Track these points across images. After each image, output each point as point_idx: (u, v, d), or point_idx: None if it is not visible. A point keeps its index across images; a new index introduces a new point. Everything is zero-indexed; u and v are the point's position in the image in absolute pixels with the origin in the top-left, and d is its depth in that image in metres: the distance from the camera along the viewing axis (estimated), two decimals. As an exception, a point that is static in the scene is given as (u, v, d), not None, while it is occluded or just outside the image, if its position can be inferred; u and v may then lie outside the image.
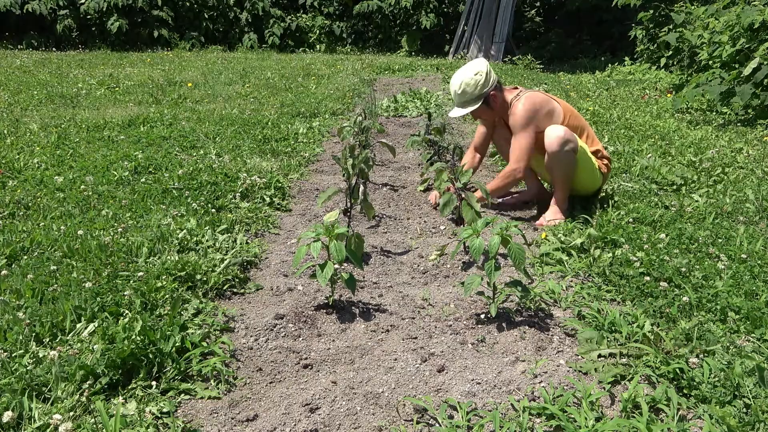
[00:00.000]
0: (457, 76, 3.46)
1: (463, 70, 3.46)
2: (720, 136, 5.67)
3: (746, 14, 6.62)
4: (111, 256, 2.63)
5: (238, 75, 10.28)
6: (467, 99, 3.46)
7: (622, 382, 1.90)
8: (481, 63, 3.45)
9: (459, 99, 3.48)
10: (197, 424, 1.71)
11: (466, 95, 3.44)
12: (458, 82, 3.44)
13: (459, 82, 3.43)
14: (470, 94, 3.43)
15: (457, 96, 3.47)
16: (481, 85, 3.41)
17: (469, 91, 3.42)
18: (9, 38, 15.77)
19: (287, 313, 2.36)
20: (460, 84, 3.43)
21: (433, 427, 1.71)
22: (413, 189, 4.28)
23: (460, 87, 3.43)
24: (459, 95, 3.46)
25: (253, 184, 3.83)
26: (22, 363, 1.81)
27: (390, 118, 7.03)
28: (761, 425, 1.60)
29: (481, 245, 2.28)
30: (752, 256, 2.76)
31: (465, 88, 3.42)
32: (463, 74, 3.44)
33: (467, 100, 3.47)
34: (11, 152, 4.49)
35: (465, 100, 3.46)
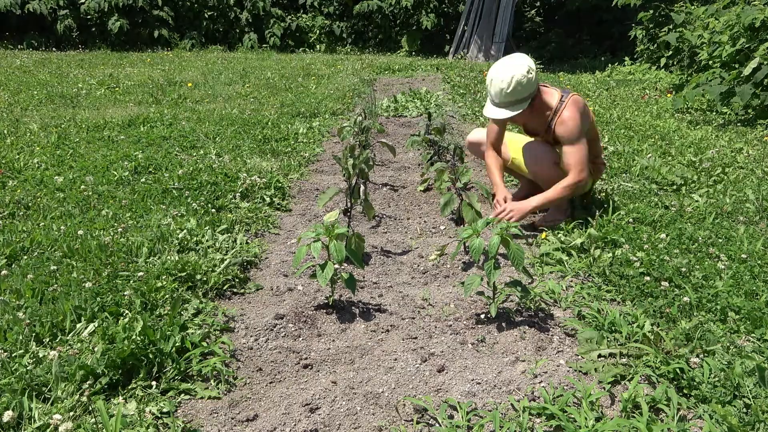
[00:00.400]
0: (505, 70, 3.01)
1: (510, 65, 3.02)
2: (720, 136, 5.67)
3: (746, 14, 6.62)
4: (111, 256, 2.63)
5: (238, 75, 10.28)
6: (516, 99, 3.04)
7: (622, 382, 1.90)
8: (528, 58, 3.07)
9: (506, 98, 3.04)
10: (197, 424, 1.71)
11: (516, 94, 3.02)
12: (508, 77, 2.98)
13: (509, 77, 2.98)
14: (521, 93, 3.02)
15: (505, 95, 3.02)
16: (533, 84, 3.03)
17: (520, 90, 3.01)
18: (9, 38, 15.76)
19: (287, 313, 2.36)
20: (511, 81, 2.98)
21: (433, 427, 1.71)
22: (413, 189, 4.28)
23: (510, 84, 2.99)
24: (508, 94, 3.01)
25: (253, 184, 3.84)
26: (22, 363, 1.81)
27: (390, 118, 7.03)
28: (761, 425, 1.60)
29: (480, 245, 2.28)
30: (752, 256, 2.76)
31: (517, 86, 2.99)
32: (512, 69, 2.99)
33: (516, 101, 3.05)
34: (11, 152, 4.49)
35: (514, 99, 3.04)
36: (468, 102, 7.80)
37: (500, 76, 3.01)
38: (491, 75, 3.06)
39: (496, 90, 3.05)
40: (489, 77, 3.08)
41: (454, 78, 10.31)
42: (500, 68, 3.04)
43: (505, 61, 3.07)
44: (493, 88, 3.06)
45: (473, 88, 9.06)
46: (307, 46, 18.40)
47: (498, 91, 3.04)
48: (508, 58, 3.08)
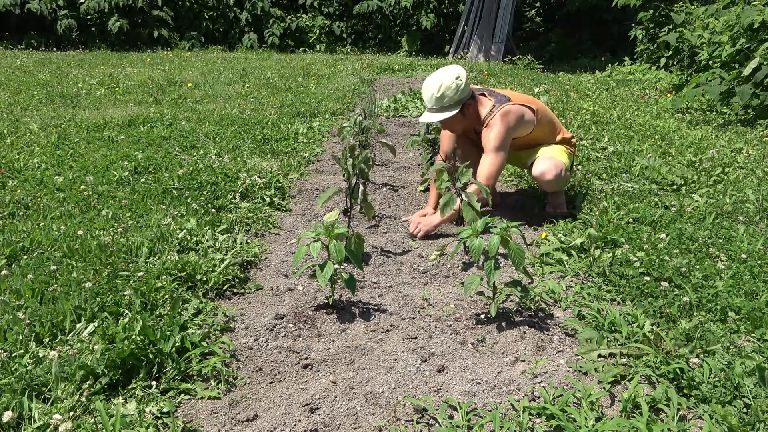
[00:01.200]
0: (435, 78, 3.23)
1: (441, 73, 3.24)
2: (720, 136, 5.67)
3: (746, 14, 6.62)
4: (111, 256, 2.63)
5: (238, 75, 10.28)
6: (445, 104, 3.23)
7: (622, 382, 1.90)
8: (459, 68, 3.27)
9: (436, 103, 3.23)
10: (197, 424, 1.71)
11: (445, 99, 3.21)
12: (436, 84, 3.20)
13: (437, 84, 3.20)
14: (449, 98, 3.21)
15: (435, 99, 3.22)
16: (461, 90, 3.22)
17: (448, 95, 3.20)
18: (9, 38, 15.76)
19: (287, 313, 2.35)
20: (439, 87, 3.19)
21: (433, 427, 1.71)
22: (413, 189, 4.28)
23: (438, 90, 3.20)
24: (437, 99, 3.21)
25: (253, 184, 3.83)
26: (22, 363, 1.81)
27: (390, 118, 7.03)
28: (761, 425, 1.60)
29: (480, 245, 2.28)
30: (752, 256, 2.76)
31: (445, 91, 3.19)
32: (441, 77, 3.22)
33: (445, 106, 3.24)
34: (11, 152, 4.49)
35: (442, 105, 3.24)
36: (468, 102, 7.80)
37: (429, 83, 3.23)
38: (424, 82, 3.27)
39: (427, 96, 3.24)
40: (423, 85, 3.28)
41: (454, 78, 10.31)
42: (431, 77, 3.26)
43: (437, 71, 3.28)
44: (425, 94, 3.26)
45: (473, 88, 9.06)
46: (307, 46, 18.40)
47: (428, 96, 3.24)
48: (442, 69, 3.29)
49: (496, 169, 3.27)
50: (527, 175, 4.25)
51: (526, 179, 4.36)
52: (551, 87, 9.55)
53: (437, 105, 3.24)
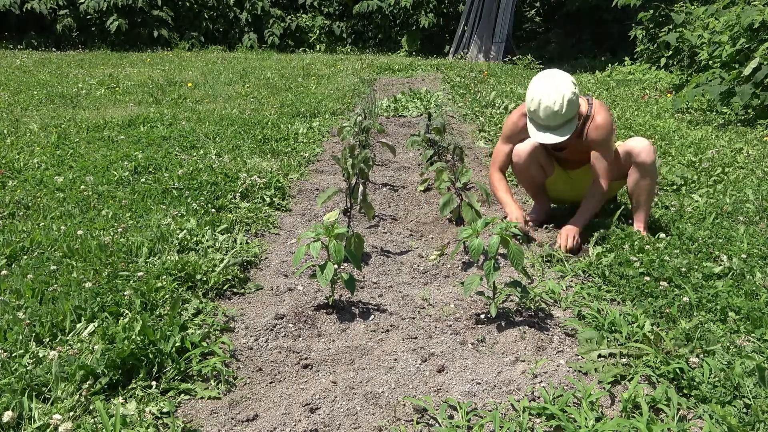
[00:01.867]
0: (552, 89, 2.77)
1: (555, 83, 2.79)
2: (720, 136, 5.67)
3: (746, 14, 6.62)
4: (111, 256, 2.63)
5: (238, 75, 10.28)
6: (569, 118, 2.81)
7: (622, 382, 1.90)
8: (568, 76, 2.85)
9: (559, 119, 2.80)
10: (197, 424, 1.71)
11: (568, 114, 2.79)
12: (558, 96, 2.74)
13: (560, 96, 2.74)
14: (571, 112, 2.79)
15: (558, 116, 2.78)
16: (578, 103, 2.83)
17: (571, 110, 2.79)
18: (9, 38, 15.76)
19: (287, 313, 2.36)
20: (561, 99, 2.74)
21: (433, 427, 1.71)
22: (413, 189, 4.29)
23: (563, 104, 2.74)
24: (562, 115, 2.78)
25: (253, 184, 3.84)
26: (22, 363, 1.81)
27: (390, 118, 7.03)
28: (761, 425, 1.60)
29: (480, 245, 2.28)
30: (752, 256, 2.76)
31: (568, 105, 2.76)
32: (560, 87, 2.76)
33: (569, 120, 2.82)
34: (11, 152, 4.49)
35: (567, 119, 2.81)
36: (468, 102, 7.80)
37: (551, 98, 2.76)
38: (538, 96, 2.80)
39: (547, 113, 2.79)
40: (535, 99, 2.82)
41: (454, 78, 10.31)
42: (547, 89, 2.79)
43: (549, 81, 2.82)
44: (543, 111, 2.80)
45: (473, 88, 9.06)
46: (307, 46, 18.40)
47: (550, 114, 2.78)
48: (548, 77, 2.84)
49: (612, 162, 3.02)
50: None
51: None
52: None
53: (559, 122, 2.82)
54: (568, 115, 2.79)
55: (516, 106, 6.97)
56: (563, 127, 2.84)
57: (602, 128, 2.94)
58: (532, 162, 3.26)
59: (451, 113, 7.04)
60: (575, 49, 17.90)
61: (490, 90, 8.45)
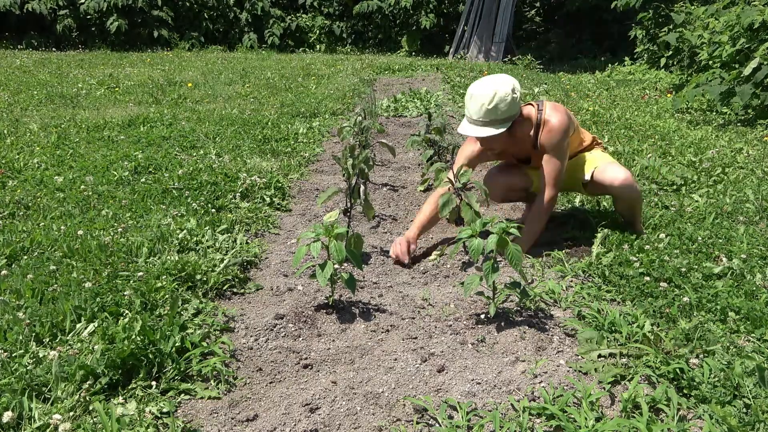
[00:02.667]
0: (487, 86, 2.76)
1: (494, 81, 2.78)
2: (720, 136, 5.67)
3: (746, 14, 6.62)
4: (111, 256, 2.63)
5: (238, 75, 10.28)
6: (496, 118, 2.77)
7: (622, 382, 1.90)
8: (511, 80, 2.81)
9: (485, 115, 2.76)
10: (197, 424, 1.71)
11: (498, 113, 2.75)
12: (489, 93, 2.73)
13: (490, 93, 2.73)
14: (502, 112, 2.75)
15: (485, 111, 2.75)
16: (515, 105, 2.78)
17: (502, 109, 2.74)
18: (9, 38, 15.76)
19: (287, 313, 2.36)
20: (492, 97, 2.73)
21: (433, 427, 1.71)
22: (413, 189, 4.29)
23: (491, 100, 2.73)
24: (487, 110, 2.75)
25: (253, 184, 3.84)
26: (22, 363, 1.81)
27: (390, 118, 7.03)
28: (761, 425, 1.60)
29: (479, 246, 2.28)
30: (752, 256, 2.76)
31: (498, 103, 2.73)
32: (495, 85, 2.75)
33: (495, 120, 2.77)
34: (11, 152, 4.49)
35: (493, 118, 2.77)
36: (468, 102, 7.80)
37: (481, 91, 2.76)
38: (472, 90, 2.81)
39: (476, 105, 2.77)
40: (469, 92, 2.83)
41: (454, 78, 10.31)
42: (484, 84, 2.79)
43: (489, 78, 2.84)
44: (473, 103, 2.79)
45: (473, 88, 9.06)
46: (307, 46, 18.40)
47: (477, 106, 2.76)
48: (492, 76, 2.87)
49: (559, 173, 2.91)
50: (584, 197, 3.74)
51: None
52: (551, 87, 9.55)
53: (485, 118, 2.77)
54: (495, 112, 2.73)
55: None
56: (483, 126, 2.79)
57: (553, 131, 2.86)
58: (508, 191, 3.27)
59: (451, 113, 7.04)
60: (575, 49, 17.90)
61: (490, 90, 8.45)
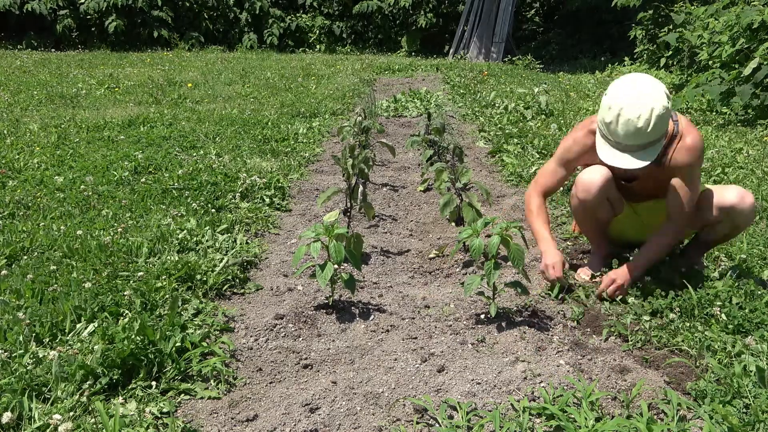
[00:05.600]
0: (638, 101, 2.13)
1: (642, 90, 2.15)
2: (720, 136, 5.67)
3: (746, 14, 6.62)
4: (111, 256, 2.63)
5: (238, 75, 10.28)
6: (654, 139, 2.18)
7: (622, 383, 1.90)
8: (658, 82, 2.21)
9: (642, 138, 2.16)
10: (197, 424, 1.71)
11: (657, 133, 2.16)
12: (645, 111, 2.11)
13: (647, 111, 2.11)
14: (660, 130, 2.16)
15: (641, 134, 2.14)
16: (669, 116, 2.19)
17: (660, 127, 2.15)
18: (8, 38, 15.76)
19: (287, 313, 2.36)
20: (650, 113, 2.11)
21: (433, 427, 1.71)
22: (413, 189, 4.28)
23: (650, 119, 2.11)
24: (646, 133, 2.14)
25: (253, 184, 3.83)
26: (22, 363, 1.81)
27: (390, 118, 7.03)
28: (761, 425, 1.60)
29: (480, 245, 2.28)
30: (752, 256, 2.76)
31: (657, 122, 2.13)
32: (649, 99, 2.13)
33: (653, 141, 2.19)
34: (11, 152, 4.49)
35: (651, 140, 2.18)
36: (468, 102, 7.80)
37: (635, 110, 2.12)
38: (618, 105, 2.16)
39: (628, 130, 2.14)
40: (614, 109, 2.17)
41: (454, 78, 10.31)
42: (630, 98, 2.14)
43: (634, 88, 2.17)
44: (622, 126, 2.15)
45: (473, 88, 9.06)
46: (306, 46, 18.38)
47: (632, 131, 2.14)
48: (633, 82, 2.19)
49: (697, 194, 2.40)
50: None
51: (525, 177, 4.33)
52: (551, 87, 9.55)
53: (644, 140, 2.17)
54: (654, 134, 2.15)
55: (516, 106, 7.00)
56: (645, 150, 2.20)
57: (693, 150, 2.29)
58: (603, 199, 2.52)
59: (451, 113, 7.03)
60: (575, 49, 17.89)
61: (490, 90, 8.45)
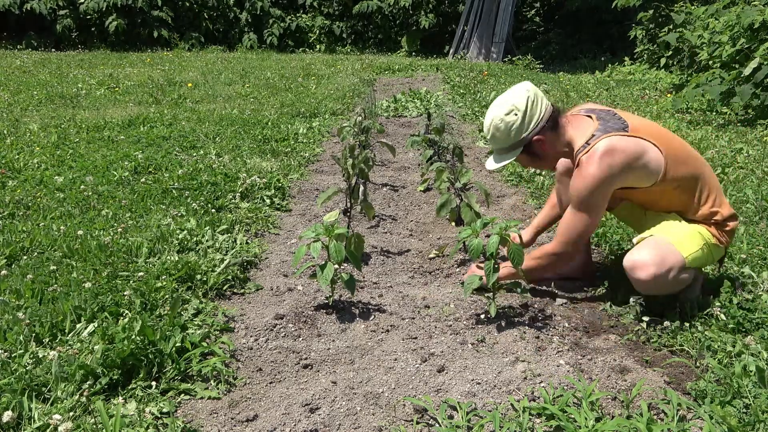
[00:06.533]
0: (490, 112, 2.38)
1: (497, 104, 2.36)
2: (720, 136, 5.66)
3: (746, 14, 6.62)
4: (111, 256, 2.63)
5: (238, 75, 10.28)
6: (499, 147, 2.40)
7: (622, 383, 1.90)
8: (520, 95, 2.30)
9: (492, 145, 2.44)
10: (197, 424, 1.71)
11: (497, 141, 2.37)
12: (488, 121, 2.37)
13: (489, 121, 2.36)
14: (501, 140, 2.35)
15: (491, 140, 2.41)
16: (516, 130, 2.29)
17: (499, 137, 2.35)
18: (9, 38, 15.76)
19: (287, 313, 2.36)
20: (489, 125, 2.36)
21: (433, 427, 1.71)
22: (413, 189, 4.28)
23: (489, 129, 2.37)
24: (490, 140, 2.42)
25: (253, 184, 3.83)
26: (22, 363, 1.81)
27: (390, 118, 7.03)
28: (761, 425, 1.60)
29: (479, 245, 2.28)
30: (752, 256, 2.76)
31: (494, 132, 2.34)
32: (494, 110, 2.35)
33: (500, 148, 2.40)
34: (11, 152, 4.49)
35: (498, 147, 2.41)
36: (468, 102, 7.80)
37: (486, 120, 2.40)
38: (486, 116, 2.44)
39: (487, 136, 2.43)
40: None
41: (454, 78, 10.31)
42: (490, 108, 2.39)
43: (499, 98, 2.39)
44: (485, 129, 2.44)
45: (473, 88, 9.06)
46: (306, 46, 18.38)
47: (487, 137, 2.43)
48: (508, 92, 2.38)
49: (575, 231, 2.32)
50: None
51: (525, 177, 4.33)
52: (551, 87, 9.55)
53: (493, 147, 2.44)
54: (495, 142, 2.38)
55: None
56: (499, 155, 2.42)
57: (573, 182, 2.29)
58: None
59: (450, 113, 7.03)
60: (575, 49, 17.88)
61: (490, 90, 8.45)
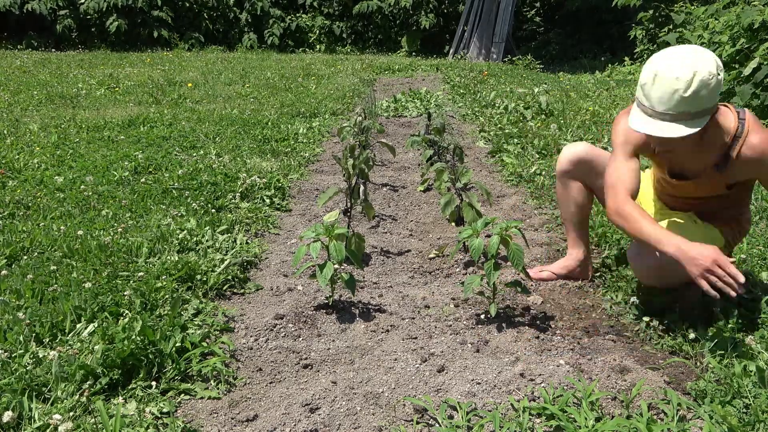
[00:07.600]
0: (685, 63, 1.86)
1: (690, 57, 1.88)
2: (720, 136, 5.66)
3: (746, 14, 6.62)
4: (111, 256, 2.63)
5: (238, 75, 10.28)
6: (699, 109, 1.87)
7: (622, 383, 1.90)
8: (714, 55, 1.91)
9: (681, 106, 1.86)
10: (197, 424, 1.71)
11: (697, 102, 1.86)
12: (687, 73, 1.84)
13: (689, 73, 1.83)
14: (703, 102, 1.86)
15: (677, 98, 1.85)
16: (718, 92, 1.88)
17: (704, 96, 1.85)
18: (8, 38, 15.76)
19: (287, 313, 2.36)
20: (690, 80, 1.83)
21: (433, 427, 1.71)
22: (413, 189, 4.28)
23: (690, 84, 1.84)
24: (684, 98, 1.85)
25: (253, 184, 3.83)
26: (22, 363, 1.81)
27: (390, 118, 7.03)
28: (761, 425, 1.60)
29: (480, 245, 2.28)
30: (752, 256, 2.76)
31: (701, 89, 1.84)
32: (694, 62, 1.86)
33: (698, 111, 1.88)
34: (11, 152, 4.49)
35: (694, 111, 1.87)
36: (468, 102, 7.80)
37: (675, 72, 1.85)
38: (655, 68, 1.90)
39: (665, 91, 1.87)
40: (651, 71, 1.91)
41: (454, 78, 10.31)
42: (674, 61, 1.88)
43: (679, 52, 1.90)
44: (659, 88, 1.88)
45: (473, 88, 9.06)
46: (306, 46, 18.39)
47: (669, 93, 1.86)
48: (681, 48, 1.93)
49: None
50: None
51: (525, 177, 4.33)
52: (551, 87, 9.55)
53: (676, 109, 1.88)
54: (694, 102, 1.86)
55: (516, 106, 7.00)
56: (682, 120, 1.89)
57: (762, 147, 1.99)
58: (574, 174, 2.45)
59: (451, 113, 7.03)
60: (575, 49, 17.89)
61: (490, 90, 8.45)
